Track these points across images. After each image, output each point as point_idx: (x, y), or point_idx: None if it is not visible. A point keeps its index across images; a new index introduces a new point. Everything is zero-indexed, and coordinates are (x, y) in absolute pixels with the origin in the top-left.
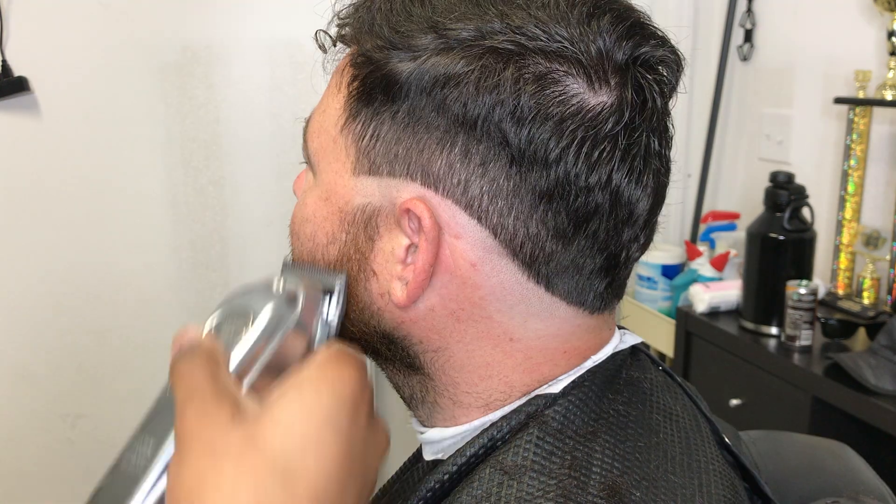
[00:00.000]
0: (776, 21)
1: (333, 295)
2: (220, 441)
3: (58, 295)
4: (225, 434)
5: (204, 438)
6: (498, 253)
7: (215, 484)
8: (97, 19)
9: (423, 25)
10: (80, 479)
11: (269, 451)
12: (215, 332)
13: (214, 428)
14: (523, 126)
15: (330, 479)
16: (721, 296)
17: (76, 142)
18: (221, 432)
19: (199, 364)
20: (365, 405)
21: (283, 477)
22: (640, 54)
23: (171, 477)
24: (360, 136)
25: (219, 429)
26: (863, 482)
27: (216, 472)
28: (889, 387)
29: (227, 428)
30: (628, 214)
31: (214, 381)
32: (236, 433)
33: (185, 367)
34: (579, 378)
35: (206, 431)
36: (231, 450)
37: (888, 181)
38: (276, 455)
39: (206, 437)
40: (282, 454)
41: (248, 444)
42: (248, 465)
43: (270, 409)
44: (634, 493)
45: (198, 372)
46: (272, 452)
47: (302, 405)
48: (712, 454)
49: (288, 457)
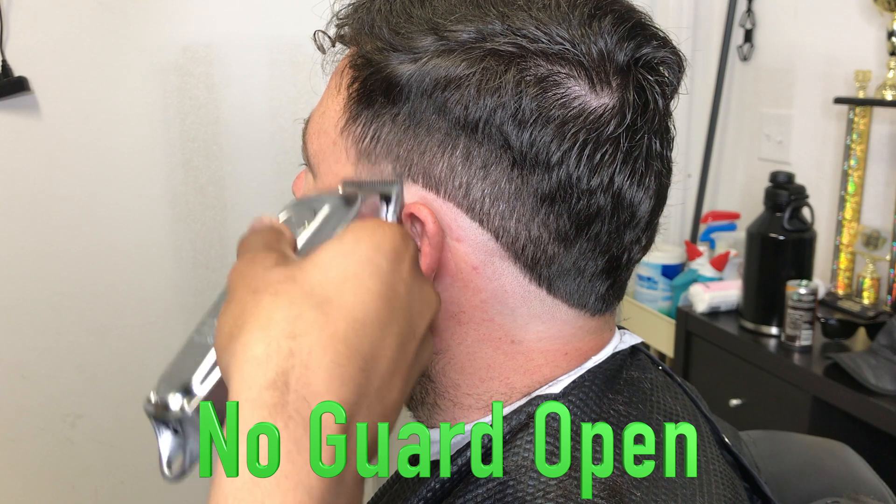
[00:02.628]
0: (776, 21)
1: (391, 200)
2: (261, 280)
3: (58, 295)
4: (266, 275)
5: (246, 280)
6: (499, 256)
7: (253, 313)
8: (97, 19)
9: (423, 27)
10: (80, 479)
11: (306, 284)
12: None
13: (258, 270)
14: (525, 129)
15: (368, 313)
16: (721, 296)
17: (76, 142)
18: (263, 274)
19: (262, 233)
20: (408, 258)
21: (319, 304)
22: (641, 55)
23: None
24: (360, 139)
25: (262, 271)
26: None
27: (255, 304)
28: (889, 387)
29: (270, 271)
30: (630, 216)
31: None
32: (276, 273)
33: (247, 237)
34: (579, 378)
35: (249, 275)
36: (270, 286)
37: (888, 181)
38: (313, 286)
39: (249, 278)
40: (319, 286)
41: (286, 280)
42: (284, 295)
43: (312, 256)
44: (635, 493)
45: (257, 238)
46: (309, 285)
47: (342, 247)
48: (712, 454)
49: (325, 288)
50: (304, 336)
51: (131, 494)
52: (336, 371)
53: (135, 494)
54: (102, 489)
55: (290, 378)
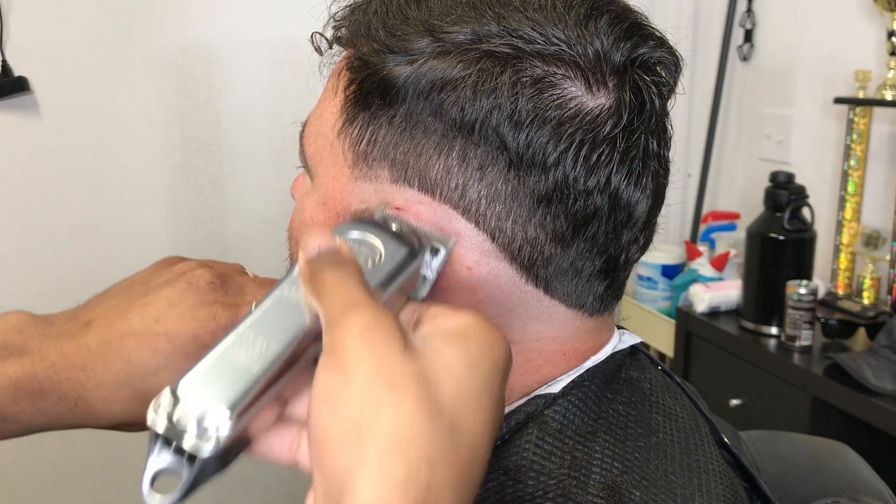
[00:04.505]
0: (776, 21)
1: (440, 253)
2: (397, 372)
3: (58, 295)
4: (402, 365)
5: (378, 363)
6: (496, 257)
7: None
8: (97, 19)
9: (419, 29)
10: (81, 478)
11: (441, 397)
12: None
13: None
14: (521, 130)
15: (484, 442)
16: (721, 296)
17: (76, 142)
18: (398, 362)
19: (352, 273)
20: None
21: (451, 428)
22: (637, 56)
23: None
24: (357, 141)
25: (395, 356)
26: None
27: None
28: (889, 387)
29: (402, 360)
30: (627, 217)
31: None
32: (412, 367)
33: (335, 275)
34: (579, 378)
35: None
36: (409, 386)
37: (888, 181)
38: (446, 402)
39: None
40: (451, 402)
41: (423, 385)
42: (424, 408)
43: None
44: (634, 493)
45: (352, 283)
46: (443, 398)
47: (469, 359)
48: (712, 454)
49: (455, 407)
50: (438, 465)
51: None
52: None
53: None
54: (102, 489)
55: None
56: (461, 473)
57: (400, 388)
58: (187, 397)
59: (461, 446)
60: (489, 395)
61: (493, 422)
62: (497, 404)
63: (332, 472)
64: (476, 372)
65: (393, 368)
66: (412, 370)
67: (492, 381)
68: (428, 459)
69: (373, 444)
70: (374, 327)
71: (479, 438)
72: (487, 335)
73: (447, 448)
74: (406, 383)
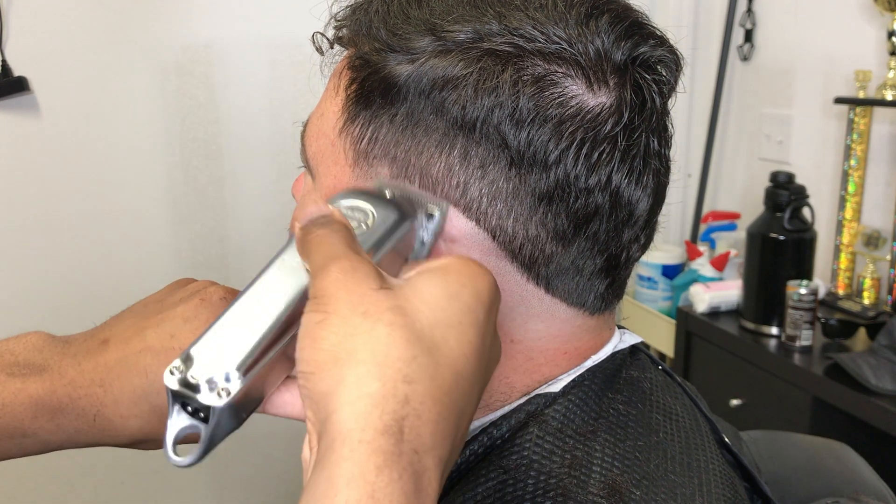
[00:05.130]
0: (776, 21)
1: (434, 219)
2: (371, 303)
3: (58, 295)
4: (376, 299)
5: (353, 299)
6: (496, 255)
7: (367, 343)
8: (97, 19)
9: (420, 28)
10: (81, 479)
11: (417, 322)
12: None
13: (364, 290)
14: (522, 128)
15: (467, 367)
16: (721, 296)
17: (76, 142)
18: (372, 296)
19: (338, 230)
20: (495, 311)
21: (430, 350)
22: (638, 54)
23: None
24: (358, 139)
25: (369, 292)
26: (863, 482)
27: (368, 331)
28: (889, 387)
29: (378, 294)
30: (628, 215)
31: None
32: (386, 300)
33: (322, 232)
34: (579, 377)
35: (356, 293)
36: (384, 315)
37: (888, 181)
38: (423, 327)
39: (356, 297)
40: (429, 328)
41: (397, 311)
42: (399, 331)
43: (415, 286)
44: (634, 492)
45: (337, 238)
46: (420, 324)
47: (447, 289)
48: (712, 453)
49: (435, 332)
50: (418, 383)
51: (131, 494)
52: (441, 426)
53: (135, 494)
54: (102, 489)
55: (405, 426)
56: (442, 391)
57: (373, 316)
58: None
59: (441, 367)
60: (472, 323)
61: (478, 347)
62: (483, 333)
63: (316, 401)
64: (455, 301)
65: (367, 303)
66: (387, 302)
67: (475, 309)
68: (405, 377)
69: (349, 367)
70: (351, 272)
71: (462, 361)
72: (468, 269)
73: (426, 368)
74: (380, 312)
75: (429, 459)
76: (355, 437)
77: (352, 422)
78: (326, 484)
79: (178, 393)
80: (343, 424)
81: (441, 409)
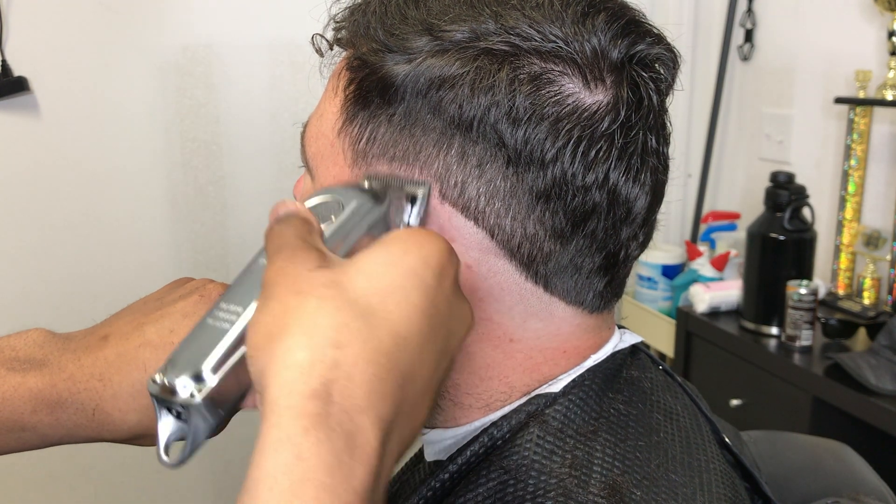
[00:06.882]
0: (776, 21)
1: (416, 202)
2: (304, 282)
3: (57, 295)
4: (310, 277)
5: (289, 280)
6: (495, 254)
7: (296, 316)
8: (97, 19)
9: (417, 28)
10: (80, 479)
11: (351, 291)
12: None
13: (300, 271)
14: (519, 126)
15: (411, 329)
16: (721, 296)
17: (76, 142)
18: (307, 275)
19: (294, 225)
20: (451, 273)
21: (363, 314)
22: (635, 52)
23: (253, 319)
24: (357, 139)
25: (305, 272)
26: (863, 482)
27: (298, 306)
28: (889, 387)
29: (313, 273)
30: (626, 213)
31: (305, 238)
32: (321, 276)
33: (278, 228)
34: (579, 377)
35: (292, 274)
36: (315, 290)
37: (889, 181)
38: (358, 295)
39: (292, 278)
40: (364, 295)
41: (331, 284)
42: (329, 301)
43: (356, 260)
44: (635, 493)
45: (289, 231)
46: (354, 293)
47: (388, 256)
48: (713, 453)
49: (370, 298)
50: (348, 347)
51: (131, 494)
52: (378, 386)
53: (135, 494)
54: (102, 489)
55: (334, 389)
56: (379, 352)
57: (305, 292)
58: (175, 363)
59: (377, 329)
60: (416, 286)
61: (425, 309)
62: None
63: (255, 381)
64: (395, 267)
65: (301, 282)
66: (321, 279)
67: (420, 273)
68: (336, 343)
69: (279, 342)
70: (291, 259)
71: (405, 323)
72: (413, 237)
73: (358, 332)
74: (312, 288)
75: (363, 419)
76: (282, 404)
77: (278, 390)
78: (258, 453)
79: (159, 398)
80: (271, 395)
81: (377, 370)
